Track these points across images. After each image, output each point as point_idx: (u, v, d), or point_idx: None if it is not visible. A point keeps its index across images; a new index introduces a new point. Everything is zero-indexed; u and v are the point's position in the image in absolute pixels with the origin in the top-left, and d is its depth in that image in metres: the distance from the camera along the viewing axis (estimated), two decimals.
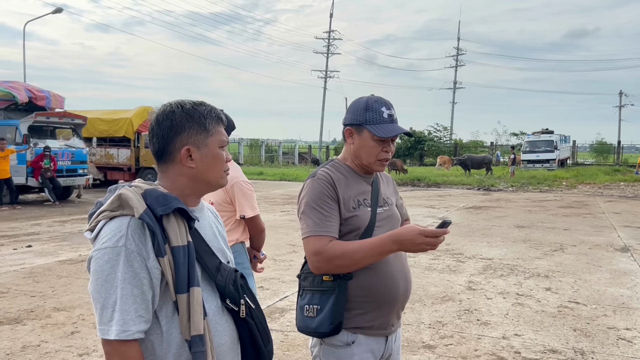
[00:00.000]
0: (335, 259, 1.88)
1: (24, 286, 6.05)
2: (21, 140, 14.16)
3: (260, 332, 1.52)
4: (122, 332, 1.28)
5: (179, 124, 1.45)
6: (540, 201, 16.72)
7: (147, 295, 1.32)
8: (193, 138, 1.45)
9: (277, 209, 13.83)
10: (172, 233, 1.36)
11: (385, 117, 2.00)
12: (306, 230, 1.93)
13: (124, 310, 1.29)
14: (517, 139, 45.85)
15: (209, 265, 1.45)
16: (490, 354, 4.23)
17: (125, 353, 1.30)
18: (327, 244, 1.89)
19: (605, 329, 4.83)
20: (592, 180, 24.78)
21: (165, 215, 1.36)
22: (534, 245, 8.96)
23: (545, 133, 34.60)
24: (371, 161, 2.03)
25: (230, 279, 1.48)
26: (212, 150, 1.48)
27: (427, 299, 5.68)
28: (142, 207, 1.34)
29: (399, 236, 1.84)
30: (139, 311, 1.31)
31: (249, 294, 1.52)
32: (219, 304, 1.46)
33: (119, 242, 1.31)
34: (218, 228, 1.61)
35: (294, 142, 57.65)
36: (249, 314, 1.49)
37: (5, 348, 4.21)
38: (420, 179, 24.03)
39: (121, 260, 1.30)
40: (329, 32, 55.25)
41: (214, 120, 1.49)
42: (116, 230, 1.33)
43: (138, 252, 1.31)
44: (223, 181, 1.54)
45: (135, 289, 1.30)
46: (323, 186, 1.97)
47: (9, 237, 9.34)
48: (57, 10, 26.59)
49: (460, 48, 60.99)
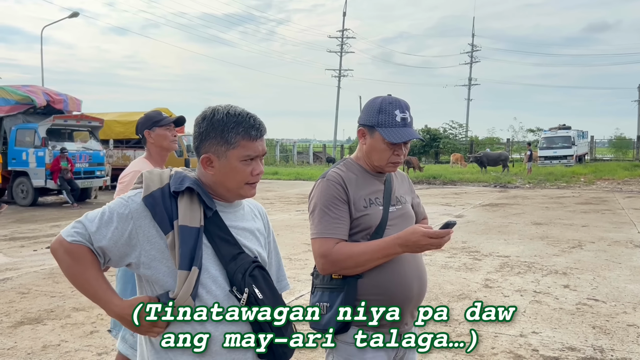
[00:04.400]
0: (340, 262, 1.92)
1: (44, 287, 6.15)
2: (40, 143, 14.37)
3: (269, 324, 1.53)
4: (69, 236, 1.49)
5: (205, 132, 1.54)
6: (557, 198, 16.54)
7: (118, 242, 1.49)
8: (214, 148, 1.52)
9: (292, 209, 13.86)
10: (182, 212, 1.48)
11: (398, 121, 1.99)
12: (314, 231, 1.97)
13: (84, 222, 1.51)
14: (533, 135, 45.34)
15: (222, 253, 1.52)
16: (507, 351, 4.20)
17: (71, 249, 1.49)
18: (333, 246, 1.92)
19: (625, 326, 4.77)
20: (610, 175, 24.42)
21: (181, 194, 1.50)
22: (552, 242, 8.86)
23: (562, 129, 34.18)
24: (382, 164, 2.04)
25: (242, 268, 1.52)
26: (231, 163, 1.52)
27: (443, 297, 5.65)
28: (155, 187, 1.51)
29: (404, 239, 1.87)
30: (92, 228, 1.49)
31: (263, 286, 1.54)
32: (226, 291, 1.52)
33: (130, 199, 1.53)
34: (254, 225, 1.67)
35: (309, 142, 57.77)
36: (255, 304, 1.51)
37: (26, 347, 4.28)
38: (436, 176, 23.92)
39: (123, 213, 1.50)
40: (342, 31, 55.16)
41: (239, 134, 1.51)
42: (135, 194, 1.54)
43: (138, 217, 1.49)
44: (243, 192, 1.58)
45: (120, 237, 1.49)
46: (333, 187, 1.98)
47: (29, 238, 9.49)
48: (74, 15, 26.93)
49: (474, 44, 60.56)
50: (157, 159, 3.21)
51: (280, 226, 10.60)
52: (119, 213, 1.50)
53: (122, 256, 1.50)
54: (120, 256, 1.51)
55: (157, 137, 3.17)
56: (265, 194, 17.87)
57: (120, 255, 1.50)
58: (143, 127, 3.19)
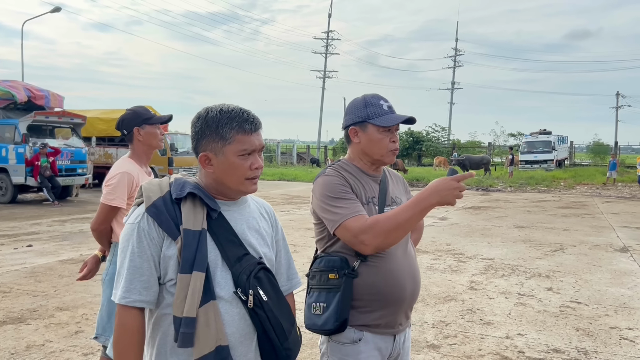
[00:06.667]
0: (384, 228, 1.86)
1: (26, 286, 6.04)
2: (20, 140, 14.13)
3: (273, 327, 1.53)
4: (123, 298, 1.47)
5: (200, 131, 1.55)
6: (538, 201, 16.76)
7: (153, 271, 1.48)
8: (211, 145, 1.53)
9: (277, 209, 13.77)
10: (185, 216, 1.49)
11: (386, 109, 2.04)
12: (337, 218, 1.92)
13: (128, 280, 1.47)
14: (515, 140, 45.93)
15: (228, 254, 1.52)
16: (494, 353, 4.24)
17: (124, 317, 1.48)
18: (366, 220, 1.89)
19: (608, 328, 4.85)
20: (589, 180, 24.85)
21: (183, 199, 1.51)
22: (534, 246, 8.98)
23: (543, 134, 34.70)
24: (383, 153, 2.04)
25: (247, 269, 1.52)
26: (228, 159, 1.52)
27: (429, 299, 5.69)
28: (156, 197, 1.51)
29: (435, 188, 1.86)
30: (143, 282, 1.47)
31: (268, 288, 1.54)
32: (231, 292, 1.51)
33: (136, 219, 1.50)
34: (259, 224, 1.67)
35: (292, 142, 57.69)
36: (260, 306, 1.51)
37: (9, 347, 4.21)
38: (419, 179, 24.06)
39: (134, 235, 1.48)
40: (327, 33, 55.25)
41: (233, 129, 1.51)
42: (138, 212, 1.52)
43: (148, 232, 1.48)
44: (243, 187, 1.57)
45: (144, 263, 1.47)
46: (335, 179, 2.00)
47: (9, 236, 9.32)
48: (56, 10, 26.56)
49: (458, 49, 61.12)
50: (142, 158, 3.07)
51: None
52: (133, 248, 1.49)
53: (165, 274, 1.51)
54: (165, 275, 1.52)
55: (147, 135, 3.02)
56: None
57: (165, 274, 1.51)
58: (132, 124, 3.01)
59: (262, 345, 1.55)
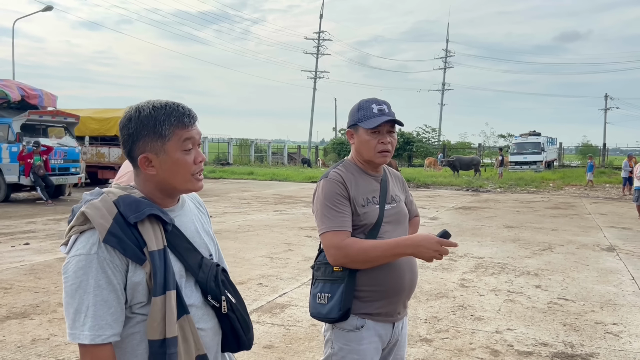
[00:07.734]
0: (352, 255, 2.05)
1: (26, 282, 6.14)
2: (14, 139, 14.15)
3: (241, 324, 1.56)
4: (97, 337, 1.32)
5: (135, 133, 1.44)
6: (528, 202, 17.02)
7: (121, 300, 1.36)
8: (149, 145, 1.44)
9: (270, 209, 13.95)
10: (148, 238, 1.39)
11: (375, 112, 2.16)
12: (323, 226, 2.10)
13: (97, 316, 1.32)
14: (504, 141, 46.38)
15: (190, 264, 1.48)
16: (484, 347, 4.41)
17: (99, 356, 1.33)
18: (344, 238, 2.06)
19: (593, 323, 5.04)
20: (578, 182, 25.20)
21: (140, 221, 1.39)
22: (523, 245, 9.19)
23: (532, 135, 35.06)
24: (371, 154, 2.18)
25: (211, 275, 1.51)
26: (171, 156, 1.44)
27: (422, 296, 5.86)
28: (108, 223, 1.35)
29: (417, 241, 2.01)
30: (114, 315, 1.34)
31: (230, 289, 1.57)
32: (201, 299, 1.50)
33: (92, 249, 1.34)
34: (201, 221, 1.63)
35: (283, 142, 57.72)
36: (230, 309, 1.53)
37: (15, 341, 4.32)
38: (410, 179, 24.26)
39: (94, 267, 1.33)
40: (318, 33, 55.41)
41: (172, 125, 1.44)
42: (89, 240, 1.36)
43: (111, 260, 1.35)
44: (191, 185, 1.50)
45: (110, 294, 1.34)
46: (335, 186, 2.14)
47: (5, 234, 9.39)
48: (47, 8, 26.49)
49: (448, 50, 61.54)
50: None
51: (259, 226, 10.71)
52: (97, 282, 1.33)
53: (133, 301, 1.41)
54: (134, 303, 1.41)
55: None
56: (242, 193, 17.91)
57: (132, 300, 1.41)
58: None
59: (228, 340, 1.58)
